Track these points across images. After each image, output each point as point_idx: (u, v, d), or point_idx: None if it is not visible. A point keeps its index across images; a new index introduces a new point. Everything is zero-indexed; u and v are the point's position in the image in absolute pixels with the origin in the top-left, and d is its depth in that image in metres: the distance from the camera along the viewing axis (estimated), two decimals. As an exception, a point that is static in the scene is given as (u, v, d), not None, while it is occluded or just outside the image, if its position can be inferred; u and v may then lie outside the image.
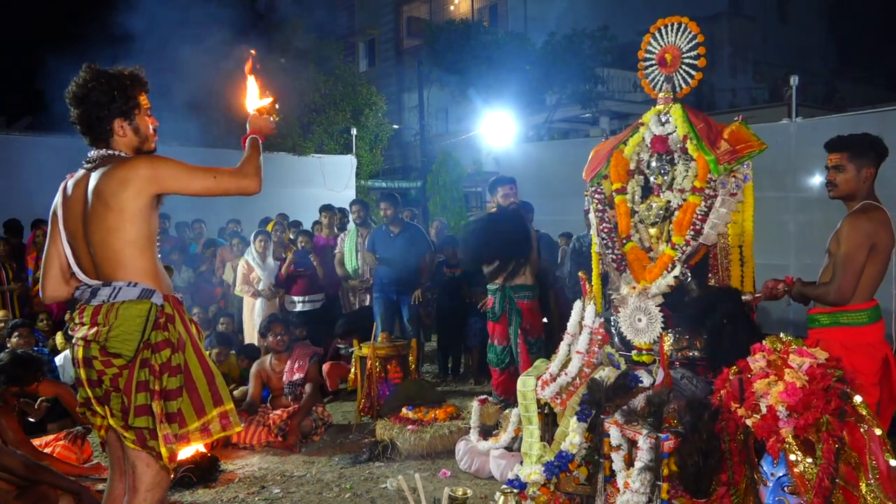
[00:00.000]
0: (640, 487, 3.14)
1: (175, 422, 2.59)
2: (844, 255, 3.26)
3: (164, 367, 2.57)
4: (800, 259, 6.76)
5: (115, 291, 2.57)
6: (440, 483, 4.37)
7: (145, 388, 2.55)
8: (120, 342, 2.53)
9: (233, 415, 2.73)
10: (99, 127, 2.64)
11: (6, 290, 7.25)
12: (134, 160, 2.62)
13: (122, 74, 2.67)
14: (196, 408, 2.64)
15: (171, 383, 2.58)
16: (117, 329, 2.53)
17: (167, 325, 2.60)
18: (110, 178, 2.56)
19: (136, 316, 2.55)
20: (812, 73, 20.74)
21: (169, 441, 2.56)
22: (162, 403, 2.56)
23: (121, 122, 2.66)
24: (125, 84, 2.65)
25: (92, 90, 2.61)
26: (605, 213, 4.09)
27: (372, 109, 16.17)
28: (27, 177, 8.71)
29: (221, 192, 2.73)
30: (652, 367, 3.80)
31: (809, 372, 2.81)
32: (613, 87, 19.25)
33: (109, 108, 2.62)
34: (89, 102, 2.62)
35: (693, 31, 3.86)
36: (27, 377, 4.60)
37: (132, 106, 2.67)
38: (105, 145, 2.67)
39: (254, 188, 2.79)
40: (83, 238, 2.63)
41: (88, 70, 2.66)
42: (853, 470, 2.66)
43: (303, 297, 7.15)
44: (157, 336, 2.58)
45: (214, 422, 2.67)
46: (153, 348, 2.57)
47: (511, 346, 5.47)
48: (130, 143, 2.70)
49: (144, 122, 2.72)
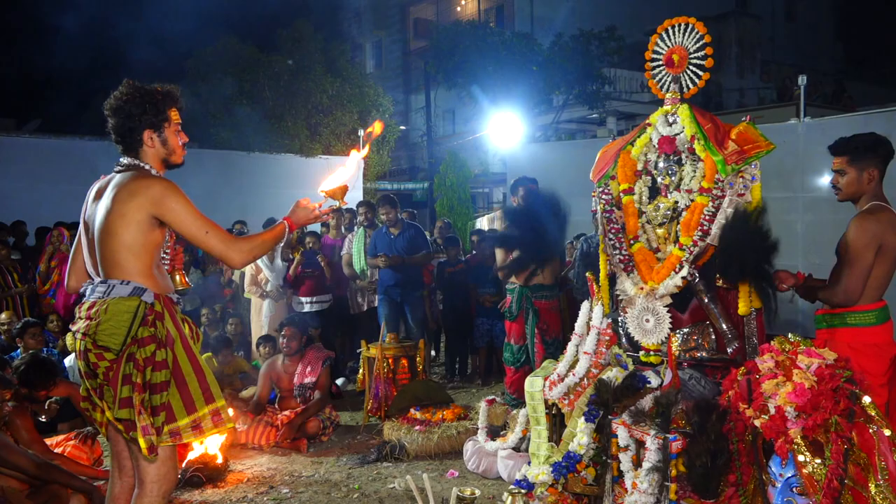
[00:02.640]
0: (648, 488, 3.14)
1: (159, 415, 2.67)
2: (851, 256, 3.25)
3: (147, 361, 2.67)
4: (808, 259, 6.73)
5: (110, 288, 2.71)
6: (448, 483, 4.38)
7: (129, 380, 2.66)
8: (108, 336, 2.65)
9: (225, 412, 2.83)
10: (130, 136, 2.83)
11: (14, 294, 7.28)
12: (153, 179, 2.78)
13: (155, 90, 2.86)
14: (186, 404, 2.73)
15: (156, 377, 2.68)
16: (105, 323, 2.66)
17: (155, 321, 2.72)
18: (125, 186, 2.73)
19: (125, 311, 2.67)
20: (820, 73, 20.67)
21: (147, 432, 2.63)
22: (145, 396, 2.66)
23: (150, 134, 2.84)
24: (157, 99, 2.83)
25: (127, 102, 2.80)
26: (613, 213, 4.09)
27: (379, 110, 16.19)
28: (32, 179, 8.80)
29: (205, 249, 2.87)
30: (660, 368, 3.79)
31: (818, 373, 2.80)
32: (620, 87, 19.24)
33: (141, 119, 2.81)
34: (123, 113, 2.81)
35: (700, 32, 3.85)
36: (44, 382, 4.64)
37: (162, 119, 2.84)
38: (135, 154, 2.85)
39: (235, 264, 2.91)
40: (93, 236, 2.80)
41: (127, 84, 2.85)
42: (862, 471, 2.66)
43: (310, 298, 7.17)
44: (144, 332, 2.69)
45: (206, 419, 2.77)
46: (139, 343, 2.68)
47: (527, 345, 5.46)
48: (158, 155, 2.87)
49: (173, 136, 2.89)
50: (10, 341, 6.15)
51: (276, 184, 11.28)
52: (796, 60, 22.28)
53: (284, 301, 7.21)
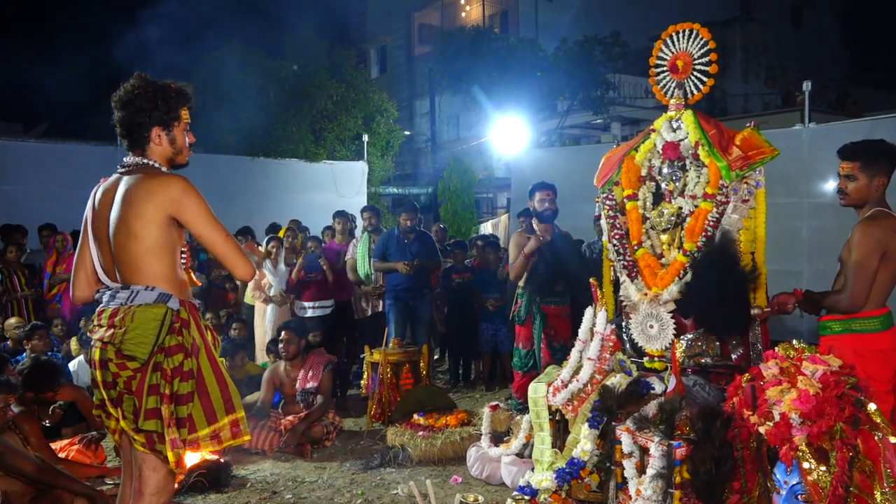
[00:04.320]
0: (652, 495, 3.13)
1: (184, 427, 2.60)
2: (856, 262, 3.24)
3: (175, 372, 2.59)
4: (813, 265, 6.72)
5: (133, 295, 2.61)
6: (451, 489, 4.38)
7: (156, 391, 2.57)
8: (134, 345, 2.56)
9: (243, 423, 2.75)
10: (137, 132, 2.72)
11: (20, 297, 7.30)
12: (171, 178, 2.67)
13: (168, 87, 2.74)
14: (207, 414, 2.65)
15: (182, 388, 2.60)
16: (133, 332, 2.56)
17: (182, 329, 2.63)
18: (140, 186, 2.62)
19: (152, 319, 2.58)
20: (825, 79, 20.65)
21: (176, 445, 2.57)
22: (172, 408, 2.58)
23: (158, 131, 2.73)
24: (169, 96, 2.73)
25: (137, 96, 2.69)
26: (617, 219, 4.09)
27: (383, 116, 16.21)
28: (39, 184, 8.82)
29: (218, 254, 2.74)
30: (664, 374, 3.79)
31: (823, 379, 2.79)
32: (625, 93, 19.22)
33: (151, 115, 2.69)
34: (133, 107, 2.69)
35: (705, 38, 3.86)
36: (47, 384, 4.64)
37: (172, 117, 2.74)
38: (141, 151, 2.74)
39: (247, 275, 2.81)
40: (107, 241, 2.68)
41: (138, 78, 2.74)
42: (867, 478, 2.65)
43: (313, 304, 7.15)
44: (171, 340, 2.60)
45: (225, 429, 2.69)
46: (166, 352, 2.59)
47: (535, 349, 5.46)
48: (165, 153, 2.76)
49: (181, 135, 2.79)
50: (16, 346, 6.17)
51: (281, 188, 11.31)
52: (801, 66, 22.24)
53: (287, 306, 7.21)
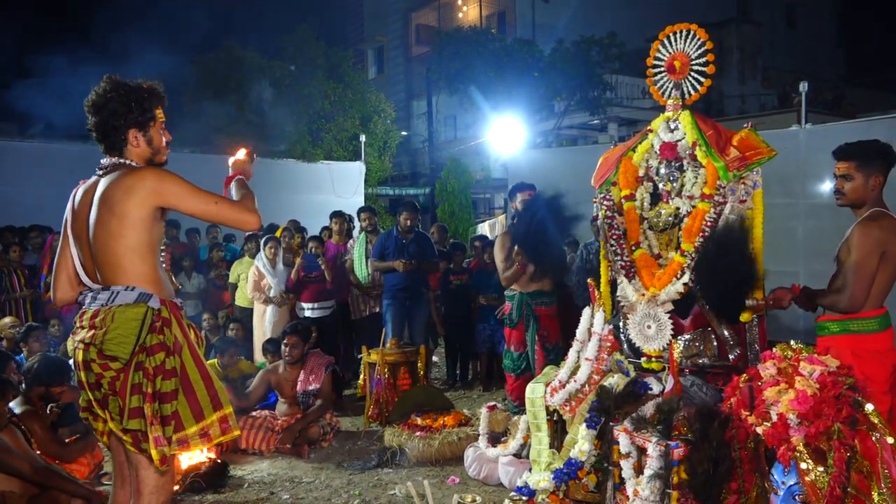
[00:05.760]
0: (650, 495, 3.13)
1: (169, 424, 2.60)
2: (856, 263, 3.25)
3: (157, 370, 2.60)
4: (809, 266, 6.73)
5: (114, 295, 2.62)
6: (449, 490, 4.38)
7: (139, 390, 2.58)
8: (115, 345, 2.57)
9: (232, 419, 2.76)
10: (114, 135, 2.71)
11: (19, 297, 7.29)
12: (143, 171, 2.68)
13: (140, 87, 2.74)
14: (194, 412, 2.65)
15: (165, 386, 2.60)
16: (113, 332, 2.57)
17: (163, 328, 2.64)
18: (117, 186, 2.62)
19: (132, 319, 2.59)
20: (821, 80, 20.70)
21: (160, 443, 2.57)
22: (155, 406, 2.58)
23: (135, 133, 2.73)
24: (143, 97, 2.72)
25: (111, 100, 2.68)
26: (614, 219, 4.09)
27: (381, 116, 16.23)
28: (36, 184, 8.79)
29: (219, 220, 2.79)
30: (661, 375, 3.79)
31: (820, 380, 2.80)
32: (622, 93, 19.25)
33: (126, 118, 2.69)
34: (107, 112, 2.68)
35: (702, 38, 3.86)
36: (59, 378, 4.62)
37: (148, 118, 2.73)
38: (118, 154, 2.73)
39: (253, 223, 2.85)
40: (87, 242, 2.68)
41: (109, 80, 2.72)
42: (865, 479, 2.65)
43: (312, 304, 7.14)
44: (153, 339, 2.61)
45: (214, 426, 2.69)
46: (148, 351, 2.60)
47: (528, 352, 5.45)
48: (143, 154, 2.76)
49: (158, 134, 2.79)
50: (11, 346, 6.14)
51: (278, 188, 11.27)
52: (797, 67, 22.31)
53: (287, 307, 7.20)
